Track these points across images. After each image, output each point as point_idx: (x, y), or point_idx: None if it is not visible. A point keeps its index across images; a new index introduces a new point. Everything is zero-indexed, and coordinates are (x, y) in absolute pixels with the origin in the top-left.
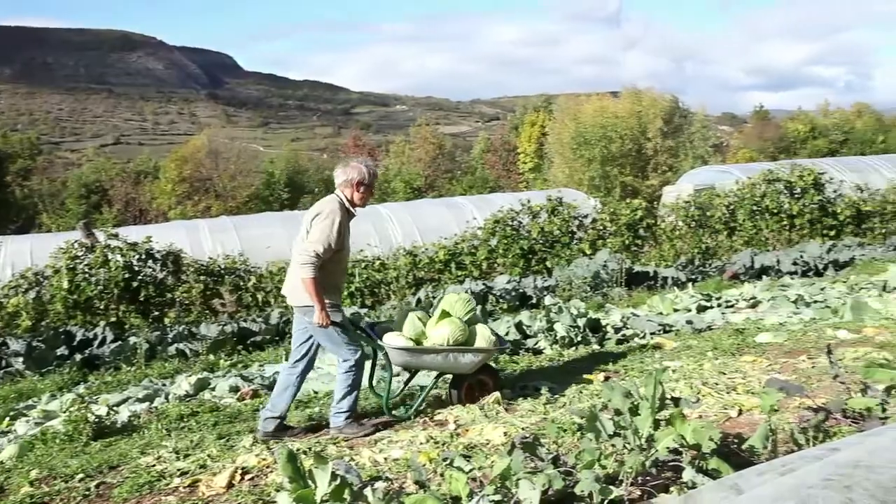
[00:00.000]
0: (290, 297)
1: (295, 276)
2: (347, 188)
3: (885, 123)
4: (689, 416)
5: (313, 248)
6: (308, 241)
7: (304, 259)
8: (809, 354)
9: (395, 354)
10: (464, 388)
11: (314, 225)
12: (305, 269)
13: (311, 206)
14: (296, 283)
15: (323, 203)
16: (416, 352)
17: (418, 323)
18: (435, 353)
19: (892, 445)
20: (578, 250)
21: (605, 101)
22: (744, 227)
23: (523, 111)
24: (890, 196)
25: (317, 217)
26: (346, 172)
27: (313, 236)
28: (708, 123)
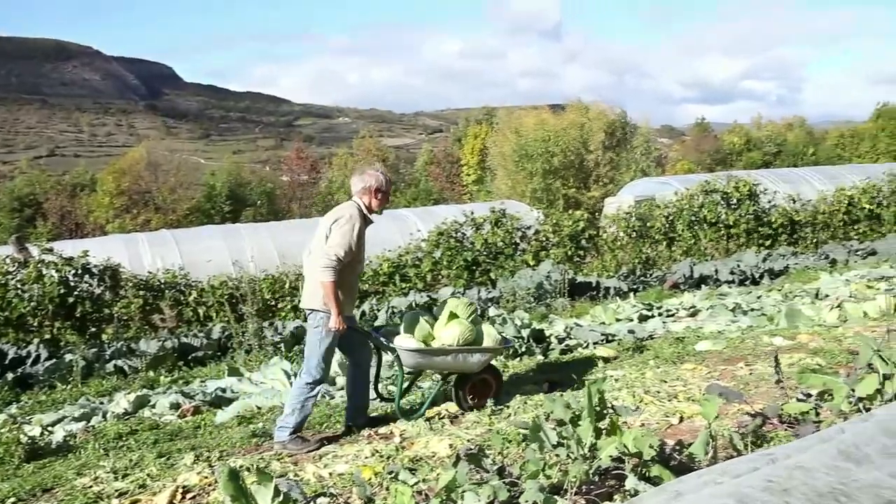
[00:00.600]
0: (305, 300)
1: (310, 280)
2: (365, 195)
3: (814, 136)
4: (631, 425)
5: (334, 252)
6: (329, 246)
7: (326, 263)
8: (747, 361)
9: (407, 356)
10: (467, 387)
11: (334, 230)
12: (326, 272)
13: (329, 213)
14: (309, 286)
15: (342, 209)
16: (427, 353)
17: (425, 325)
18: (445, 353)
19: (829, 450)
20: (522, 261)
21: (546, 114)
22: (683, 237)
23: (466, 124)
24: (821, 206)
25: (336, 222)
26: (363, 180)
27: (334, 241)
28: (651, 137)
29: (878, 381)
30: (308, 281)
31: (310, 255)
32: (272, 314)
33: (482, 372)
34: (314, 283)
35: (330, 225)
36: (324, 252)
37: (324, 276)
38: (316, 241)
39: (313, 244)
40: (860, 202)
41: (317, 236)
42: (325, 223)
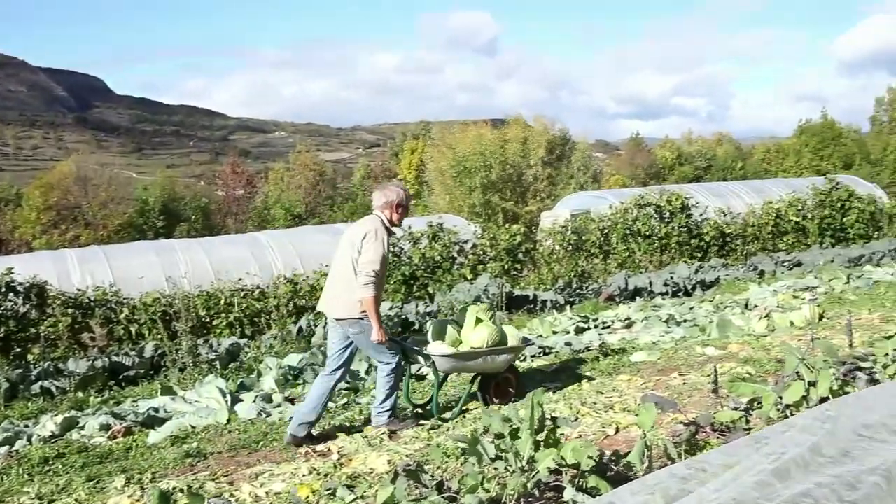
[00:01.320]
0: (335, 311)
1: (340, 290)
2: (387, 209)
3: (742, 151)
4: (569, 436)
5: (372, 268)
6: (364, 263)
7: (366, 280)
8: (680, 371)
9: (442, 361)
10: (492, 387)
11: (366, 245)
12: (368, 288)
13: (353, 226)
14: (344, 297)
15: (367, 223)
16: (460, 357)
17: (453, 332)
18: (476, 356)
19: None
20: (460, 275)
21: (485, 129)
22: (618, 250)
23: (403, 138)
24: (750, 219)
25: (366, 238)
26: (385, 195)
27: (369, 256)
28: (589, 152)
29: (804, 389)
30: (340, 295)
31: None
32: (207, 331)
33: (505, 371)
34: (350, 297)
35: (360, 241)
36: (361, 270)
37: (366, 292)
38: (341, 256)
39: (338, 259)
40: (787, 215)
41: (340, 250)
42: (351, 237)
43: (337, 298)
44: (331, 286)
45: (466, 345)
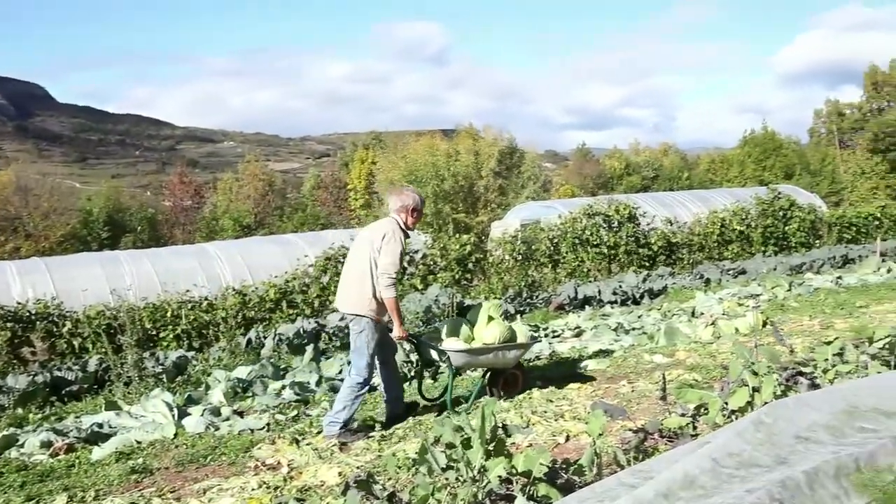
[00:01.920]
0: (346, 305)
1: (359, 287)
2: (402, 213)
3: (688, 161)
4: (520, 445)
5: (393, 270)
6: (385, 265)
7: (386, 281)
8: (629, 379)
9: (457, 357)
10: (500, 382)
11: (385, 246)
12: (389, 289)
13: (370, 228)
14: (361, 294)
15: (384, 225)
16: (474, 352)
17: (466, 329)
18: (489, 351)
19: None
20: (410, 285)
21: (436, 139)
22: (567, 259)
23: (353, 148)
24: (696, 228)
25: (385, 238)
26: (401, 199)
27: (387, 258)
28: (538, 163)
29: (749, 394)
30: (352, 289)
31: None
32: (153, 344)
33: (513, 367)
34: (361, 292)
35: (381, 240)
36: (381, 271)
37: (387, 293)
38: (357, 255)
39: (353, 258)
40: (731, 224)
41: (358, 250)
42: (368, 238)
43: (349, 294)
44: (344, 283)
45: (479, 341)
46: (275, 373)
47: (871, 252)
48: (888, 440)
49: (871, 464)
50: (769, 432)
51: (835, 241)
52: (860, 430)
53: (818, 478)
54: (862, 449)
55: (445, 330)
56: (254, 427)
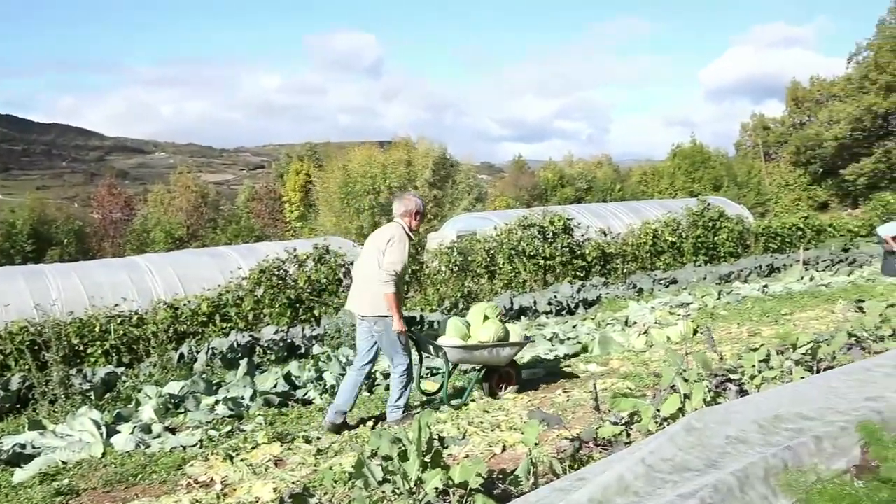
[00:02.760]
0: (361, 308)
1: (368, 290)
2: (406, 217)
3: (621, 173)
4: (456, 456)
5: (393, 269)
6: (388, 263)
7: (387, 277)
8: (564, 388)
9: (453, 353)
10: (494, 379)
11: (389, 248)
12: (388, 285)
13: (377, 233)
14: (368, 296)
15: (391, 229)
16: (469, 348)
17: (462, 327)
18: (483, 348)
19: (616, 483)
20: (346, 298)
21: (372, 150)
22: (503, 270)
23: (288, 159)
24: (629, 239)
25: (390, 242)
26: (405, 205)
27: (391, 258)
28: (473, 174)
29: (680, 401)
30: (366, 293)
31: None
32: (80, 360)
33: (506, 365)
34: (376, 294)
35: (385, 244)
36: (384, 269)
37: (386, 289)
38: (366, 259)
39: (363, 262)
40: (664, 235)
41: (366, 253)
42: (375, 242)
43: (363, 297)
44: (357, 286)
45: (475, 339)
46: (208, 388)
47: (795, 261)
48: (810, 440)
49: (797, 465)
50: (700, 437)
51: (761, 250)
52: (785, 434)
53: (748, 480)
54: (788, 451)
55: (443, 328)
56: (186, 444)
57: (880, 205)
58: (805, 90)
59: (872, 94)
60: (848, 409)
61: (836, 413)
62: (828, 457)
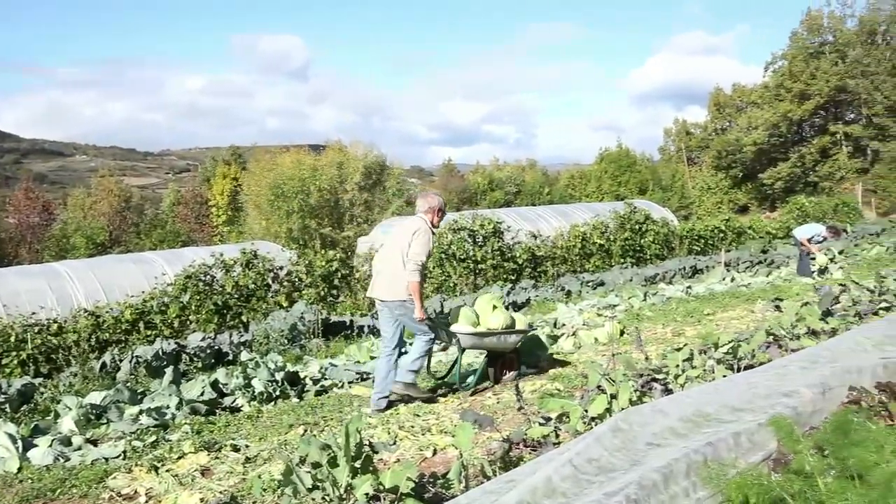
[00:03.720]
0: (383, 294)
1: (395, 277)
2: (429, 213)
3: (549, 177)
4: (387, 461)
5: (419, 259)
6: (413, 254)
7: (413, 267)
8: (494, 391)
9: (466, 339)
10: (498, 364)
11: (415, 240)
12: (414, 274)
13: (400, 226)
14: (396, 284)
15: (414, 223)
16: (480, 335)
17: (472, 315)
18: (493, 335)
19: (543, 485)
20: (275, 303)
21: (301, 154)
22: (434, 274)
23: (215, 163)
24: (559, 242)
25: (415, 234)
26: (428, 202)
27: (416, 249)
28: (404, 178)
29: (607, 401)
30: (390, 280)
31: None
32: None
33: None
34: (400, 282)
35: (411, 236)
36: (410, 259)
37: (412, 278)
38: (390, 249)
39: (386, 252)
40: (592, 238)
41: (391, 245)
42: (399, 234)
43: (385, 284)
44: (379, 275)
45: (483, 326)
46: (132, 397)
47: (717, 263)
48: (729, 436)
49: (717, 459)
50: (626, 438)
51: (685, 252)
52: (707, 430)
53: (672, 475)
54: (708, 447)
55: (453, 316)
56: (109, 455)
57: (796, 208)
58: (726, 97)
59: (788, 102)
60: (766, 406)
61: (754, 409)
62: (745, 451)
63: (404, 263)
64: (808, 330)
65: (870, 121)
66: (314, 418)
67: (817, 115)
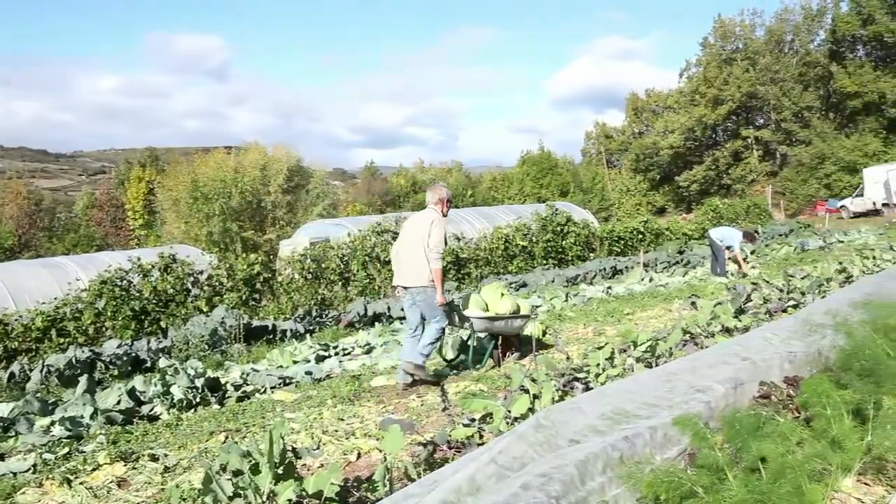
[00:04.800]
0: (406, 281)
1: (416, 265)
2: (439, 204)
3: (472, 179)
4: (311, 466)
5: (440, 247)
6: (434, 244)
7: (435, 255)
8: (419, 393)
9: (478, 323)
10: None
11: (434, 230)
12: (436, 261)
13: (415, 219)
14: (419, 271)
15: (429, 215)
16: (492, 319)
17: (482, 301)
18: (502, 319)
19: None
20: (195, 308)
21: (222, 155)
22: (358, 277)
23: (130, 165)
24: (482, 244)
25: (432, 224)
26: (437, 194)
27: (436, 239)
28: (326, 180)
29: (530, 401)
30: (412, 268)
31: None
32: None
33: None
34: (421, 269)
35: (429, 226)
36: (432, 248)
37: (435, 264)
38: (409, 241)
39: (406, 243)
40: (515, 239)
41: (410, 236)
42: (416, 226)
43: (408, 271)
44: (402, 263)
45: (493, 311)
46: (42, 408)
47: (636, 263)
48: (646, 431)
49: (634, 455)
50: (548, 434)
51: (606, 253)
52: (626, 426)
53: (588, 471)
54: (625, 442)
55: (464, 303)
56: (17, 470)
57: (710, 209)
58: (643, 101)
59: (702, 107)
60: (681, 402)
61: (671, 405)
62: (660, 446)
63: (425, 252)
64: (722, 328)
65: (778, 126)
66: (236, 425)
67: (730, 120)
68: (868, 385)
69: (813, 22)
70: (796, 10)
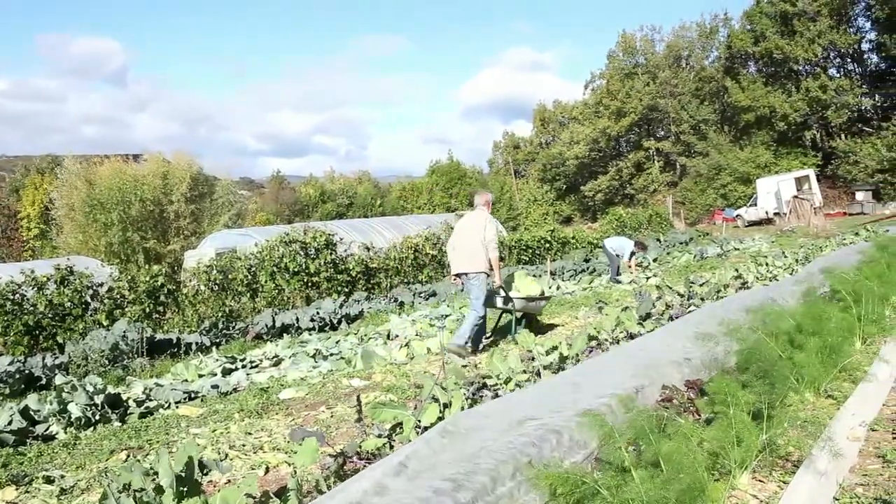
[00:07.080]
0: (464, 268)
1: (472, 256)
2: (486, 206)
3: (381, 189)
4: (217, 482)
5: (497, 240)
6: (490, 239)
7: (494, 246)
8: (328, 405)
9: (518, 302)
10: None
11: (488, 226)
12: (495, 251)
13: (469, 219)
14: (474, 259)
15: (481, 214)
16: (526, 299)
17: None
18: (532, 300)
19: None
20: (94, 322)
21: (122, 163)
22: (266, 287)
23: (25, 173)
24: (392, 254)
25: (487, 221)
26: (484, 198)
27: (491, 234)
28: (232, 189)
29: (440, 410)
30: (469, 255)
31: (463, 243)
32: None
33: None
34: (477, 256)
35: (484, 221)
36: (490, 241)
37: (493, 253)
38: (466, 236)
39: (463, 238)
40: (425, 249)
41: (466, 232)
42: (472, 224)
43: (466, 260)
44: (460, 255)
45: (524, 293)
46: None
47: (544, 272)
48: (552, 436)
49: (542, 459)
50: (455, 439)
51: (514, 262)
52: (533, 432)
53: (499, 476)
54: (533, 447)
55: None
56: None
57: (614, 218)
58: (550, 112)
59: (606, 118)
60: (586, 407)
61: (576, 410)
62: (567, 450)
63: (483, 244)
64: (626, 333)
65: (678, 138)
66: (138, 442)
67: (632, 132)
68: (764, 385)
69: (707, 39)
70: (692, 28)
